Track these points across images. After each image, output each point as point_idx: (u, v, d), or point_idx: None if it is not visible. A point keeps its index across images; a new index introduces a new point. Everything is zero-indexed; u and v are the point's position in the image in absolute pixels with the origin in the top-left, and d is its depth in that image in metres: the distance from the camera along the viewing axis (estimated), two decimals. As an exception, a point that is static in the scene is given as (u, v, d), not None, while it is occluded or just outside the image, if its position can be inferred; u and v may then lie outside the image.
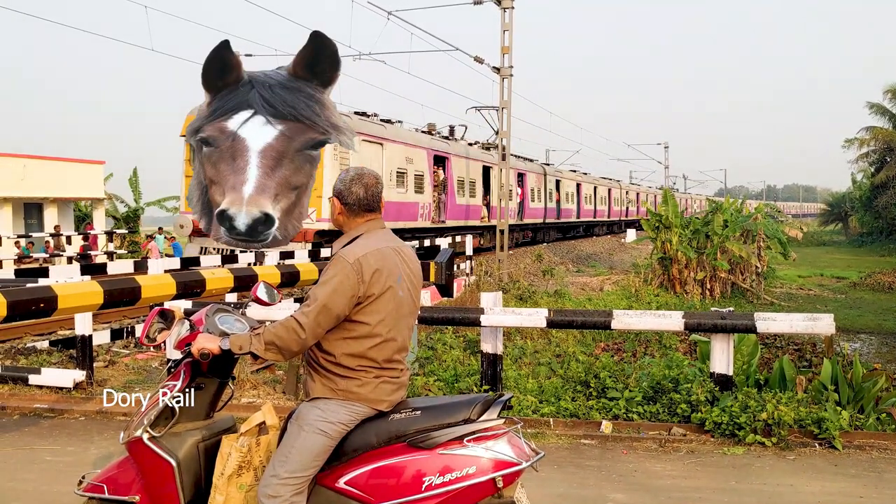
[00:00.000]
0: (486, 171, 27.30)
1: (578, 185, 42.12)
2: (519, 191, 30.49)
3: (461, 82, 34.13)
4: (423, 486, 3.10)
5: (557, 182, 37.37)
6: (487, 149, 28.50)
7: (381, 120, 20.37)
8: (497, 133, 23.77)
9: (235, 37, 40.81)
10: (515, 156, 31.54)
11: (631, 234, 46.52)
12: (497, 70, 20.43)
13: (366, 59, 22.68)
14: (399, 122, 21.82)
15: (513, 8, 19.76)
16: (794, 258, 25.42)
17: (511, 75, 20.36)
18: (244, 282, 8.09)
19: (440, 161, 23.21)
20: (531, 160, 35.22)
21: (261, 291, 3.62)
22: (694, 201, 75.37)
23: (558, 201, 37.36)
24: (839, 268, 31.02)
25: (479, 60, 20.87)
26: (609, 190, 50.67)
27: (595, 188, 46.32)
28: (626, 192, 58.55)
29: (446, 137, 25.51)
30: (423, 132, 23.48)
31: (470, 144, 27.03)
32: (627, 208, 57.08)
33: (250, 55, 27.08)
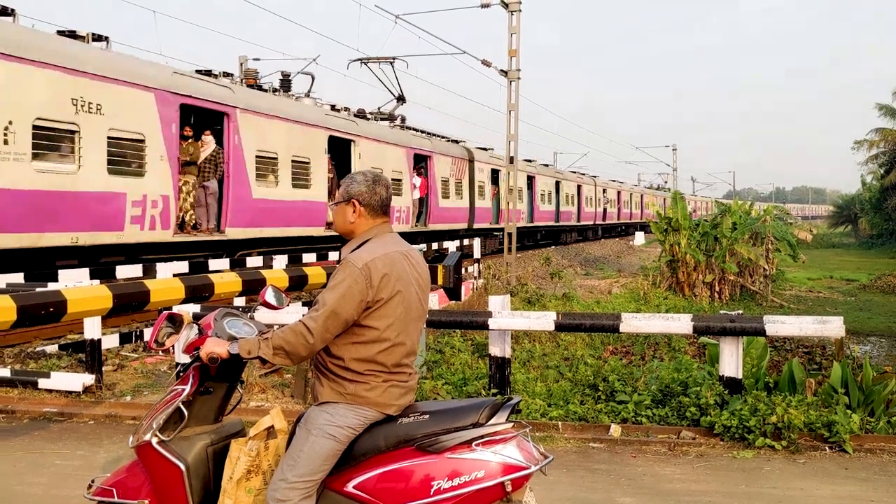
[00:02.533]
0: (473, 167, 25.42)
1: (557, 184, 37.08)
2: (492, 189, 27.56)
3: (469, 85, 34.12)
4: (432, 490, 3.10)
5: (530, 179, 32.47)
6: (430, 135, 24.41)
7: (356, 114, 19.26)
8: (399, 100, 22.03)
9: (243, 41, 40.99)
10: (484, 149, 28.27)
11: (639, 237, 46.43)
12: (505, 73, 20.42)
13: (373, 63, 22.71)
14: (388, 117, 20.93)
15: (520, 11, 19.74)
16: (803, 260, 25.30)
17: (519, 78, 20.33)
18: (252, 286, 8.12)
19: (421, 160, 22.20)
20: (535, 161, 33.07)
21: (269, 295, 3.63)
22: (701, 203, 75.07)
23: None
24: (849, 270, 30.86)
25: (486, 64, 20.88)
26: (604, 190, 46.29)
27: (579, 187, 40.89)
28: (631, 195, 56.66)
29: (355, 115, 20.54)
30: (331, 110, 18.80)
31: (383, 119, 21.97)
32: (631, 211, 54.79)
33: (258, 59, 27.22)
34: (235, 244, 14.57)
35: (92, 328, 8.03)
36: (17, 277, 9.28)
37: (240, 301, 10.67)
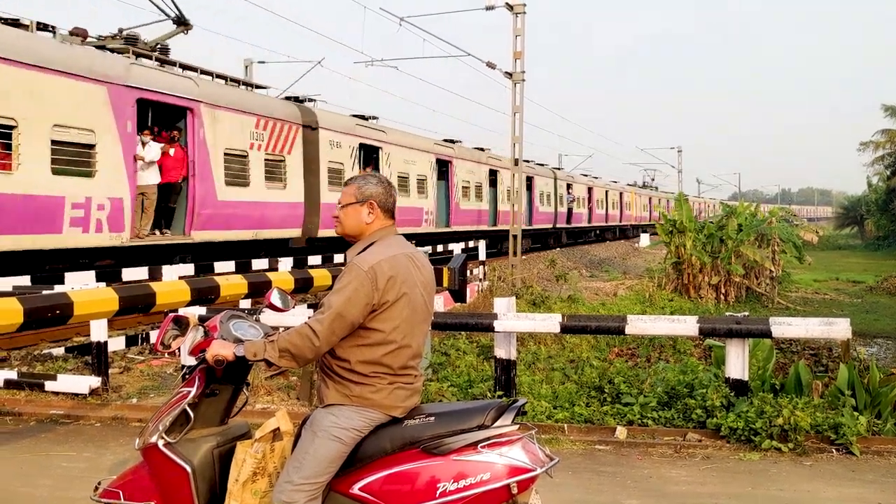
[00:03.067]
0: (315, 138, 17.01)
1: (493, 174, 26.72)
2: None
3: (473, 87, 34.01)
4: (438, 492, 3.10)
5: (444, 164, 23.77)
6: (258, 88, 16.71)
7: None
8: (179, 23, 13.85)
9: (248, 44, 41.04)
10: (363, 117, 20.19)
11: (644, 239, 46.32)
12: (509, 75, 20.42)
13: (378, 65, 22.78)
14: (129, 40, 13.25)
15: (524, 13, 19.76)
16: (809, 262, 25.17)
17: (523, 80, 20.33)
18: (258, 288, 8.13)
19: (172, 116, 13.77)
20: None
21: (275, 297, 3.64)
22: (708, 206, 74.27)
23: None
24: (855, 272, 30.77)
25: (490, 66, 20.89)
26: (569, 185, 38.09)
27: (530, 180, 31.44)
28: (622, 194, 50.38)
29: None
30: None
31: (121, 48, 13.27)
32: (607, 212, 46.46)
33: (263, 62, 27.31)
34: None
35: (98, 331, 8.06)
36: (24, 280, 9.32)
37: (245, 303, 10.69)
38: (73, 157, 11.43)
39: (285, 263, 12.36)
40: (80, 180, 11.50)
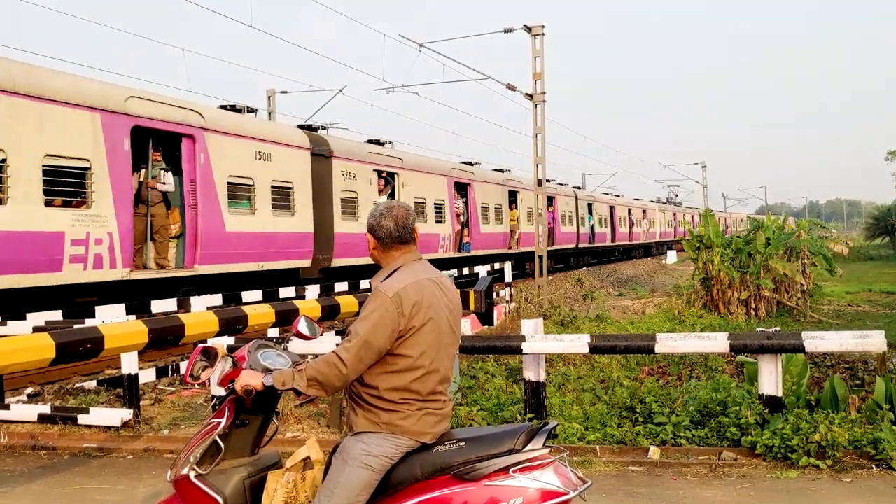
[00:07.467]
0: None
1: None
2: None
3: (495, 110, 34.16)
4: (470, 518, 3.07)
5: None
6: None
7: None
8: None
9: (270, 74, 41.65)
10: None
11: (671, 256, 46.00)
12: (530, 97, 20.46)
13: (399, 92, 22.98)
14: None
15: (543, 34, 19.83)
16: (840, 274, 24.80)
17: (544, 101, 20.36)
18: (286, 317, 8.16)
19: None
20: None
21: (302, 326, 3.65)
22: (734, 220, 73.69)
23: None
24: (888, 282, 30.24)
25: (511, 88, 20.96)
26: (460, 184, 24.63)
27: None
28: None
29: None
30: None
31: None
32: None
33: (286, 92, 27.61)
34: None
35: (129, 363, 8.12)
36: (56, 315, 9.44)
37: (273, 332, 10.73)
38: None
39: (312, 291, 12.42)
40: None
